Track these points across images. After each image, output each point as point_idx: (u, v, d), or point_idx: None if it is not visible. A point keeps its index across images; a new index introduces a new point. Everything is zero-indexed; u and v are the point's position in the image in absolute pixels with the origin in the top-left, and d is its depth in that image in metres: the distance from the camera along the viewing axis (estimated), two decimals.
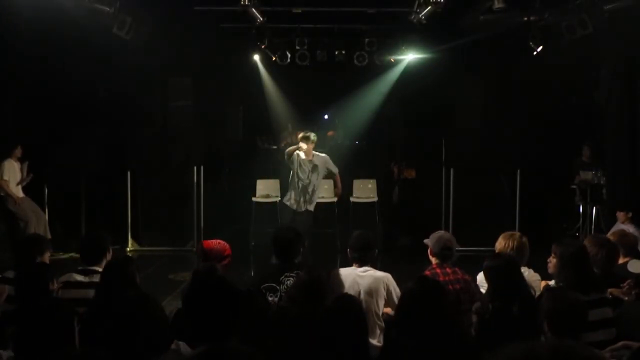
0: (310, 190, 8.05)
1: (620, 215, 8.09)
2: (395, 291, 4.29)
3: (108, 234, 4.71)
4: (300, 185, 8.01)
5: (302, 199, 8.02)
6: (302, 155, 7.96)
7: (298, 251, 4.57)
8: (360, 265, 4.42)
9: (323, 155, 8.17)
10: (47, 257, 4.57)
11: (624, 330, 3.46)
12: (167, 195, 9.79)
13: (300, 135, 8.07)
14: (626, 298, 3.96)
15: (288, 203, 8.10)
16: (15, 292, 3.82)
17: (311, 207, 8.12)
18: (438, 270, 4.30)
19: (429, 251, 4.48)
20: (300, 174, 8.00)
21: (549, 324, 3.01)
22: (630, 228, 7.81)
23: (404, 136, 12.36)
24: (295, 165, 8.00)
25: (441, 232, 4.58)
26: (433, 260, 4.42)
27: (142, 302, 2.62)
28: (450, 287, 4.17)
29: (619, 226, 8.06)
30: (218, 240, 4.45)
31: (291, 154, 7.99)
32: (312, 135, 7.99)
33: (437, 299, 3.07)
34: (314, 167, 8.01)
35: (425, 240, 4.52)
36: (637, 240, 4.65)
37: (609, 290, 3.86)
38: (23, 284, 3.76)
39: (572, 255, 3.81)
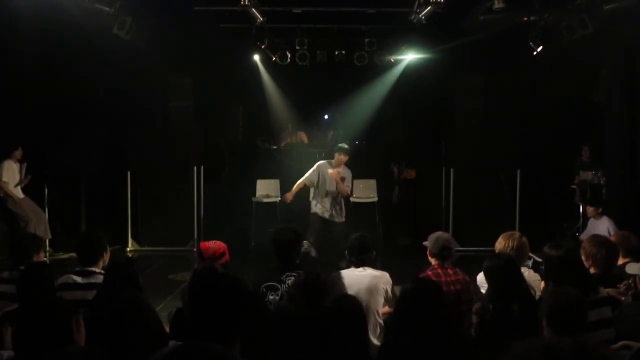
0: (339, 200, 8.11)
1: (589, 210, 8.06)
2: (394, 289, 4.30)
3: (105, 234, 4.70)
4: (330, 197, 8.05)
5: (334, 210, 8.06)
6: (329, 170, 8.01)
7: (298, 251, 4.59)
8: (359, 267, 4.43)
9: (349, 170, 8.17)
10: (42, 256, 4.57)
11: (623, 331, 3.45)
12: (167, 195, 9.78)
13: (340, 147, 8.10)
14: (622, 298, 3.96)
15: (318, 210, 8.07)
16: (16, 292, 3.81)
17: (343, 219, 8.15)
18: (440, 271, 4.30)
19: (428, 252, 4.48)
20: (328, 188, 8.03)
21: (548, 321, 3.00)
22: (605, 222, 7.83)
23: (404, 136, 12.35)
24: (321, 181, 8.04)
25: (439, 233, 4.57)
26: (433, 261, 4.42)
27: (131, 304, 2.61)
28: (452, 287, 4.17)
29: (592, 222, 8.04)
30: (214, 241, 4.48)
31: (306, 184, 8.10)
32: (348, 148, 8.09)
33: (435, 299, 3.07)
34: (341, 179, 8.00)
35: (425, 243, 4.53)
36: (638, 242, 4.63)
37: (607, 290, 3.85)
38: (24, 283, 3.76)
39: (562, 258, 3.79)
